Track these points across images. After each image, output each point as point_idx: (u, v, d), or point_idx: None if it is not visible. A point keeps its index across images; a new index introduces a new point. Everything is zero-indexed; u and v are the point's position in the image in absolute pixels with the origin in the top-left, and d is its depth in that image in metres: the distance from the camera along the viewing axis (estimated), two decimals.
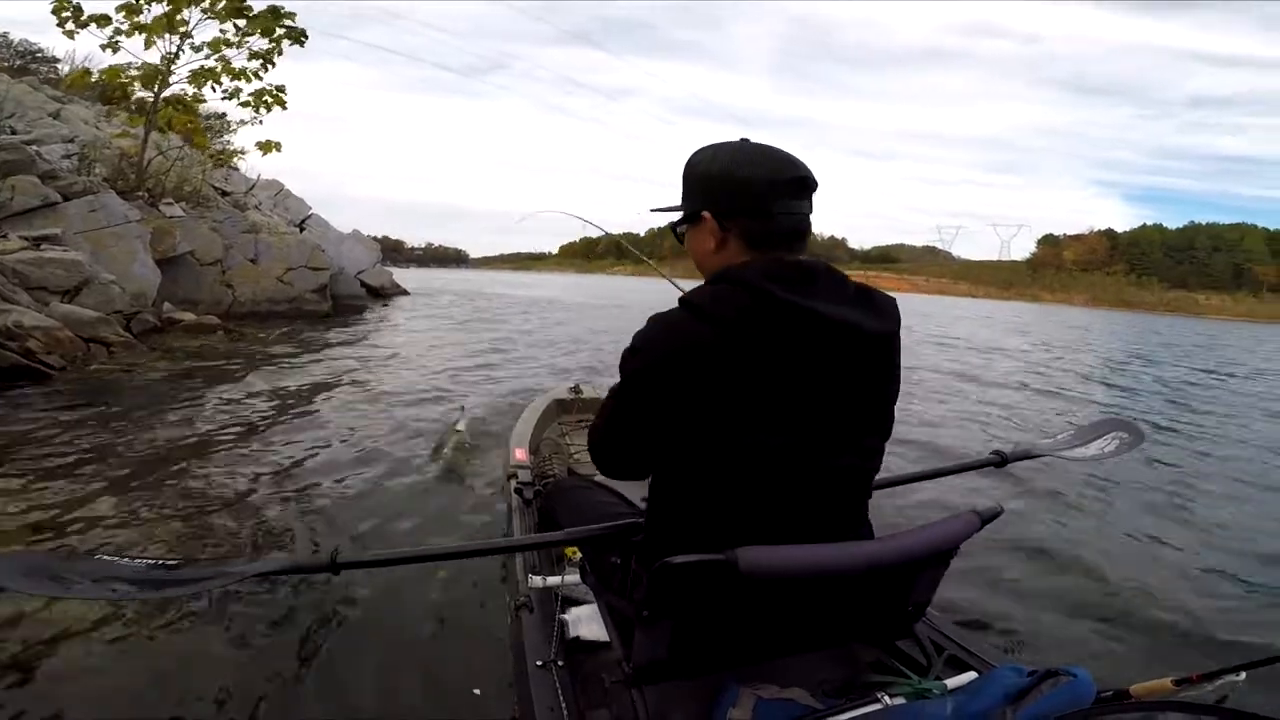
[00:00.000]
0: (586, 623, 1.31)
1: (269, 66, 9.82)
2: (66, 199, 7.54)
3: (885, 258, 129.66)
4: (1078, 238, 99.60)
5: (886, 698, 0.86)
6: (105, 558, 1.06)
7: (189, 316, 7.63)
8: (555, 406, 3.11)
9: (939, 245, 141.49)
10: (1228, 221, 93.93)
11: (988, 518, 0.90)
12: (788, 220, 0.91)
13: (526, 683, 1.18)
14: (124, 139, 9.95)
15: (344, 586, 2.08)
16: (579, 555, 1.28)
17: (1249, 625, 2.25)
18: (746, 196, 0.90)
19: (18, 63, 16.78)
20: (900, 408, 1.00)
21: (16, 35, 18.18)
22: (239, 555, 2.41)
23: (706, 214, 0.93)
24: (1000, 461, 1.62)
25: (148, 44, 9.17)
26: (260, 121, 10.45)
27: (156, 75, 9.29)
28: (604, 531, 1.15)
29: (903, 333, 0.97)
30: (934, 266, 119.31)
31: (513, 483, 2.03)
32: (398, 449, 3.74)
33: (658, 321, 0.87)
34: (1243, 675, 0.79)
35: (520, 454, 2.38)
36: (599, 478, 1.99)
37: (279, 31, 9.64)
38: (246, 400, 4.74)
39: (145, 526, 2.55)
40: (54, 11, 8.75)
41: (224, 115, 12.29)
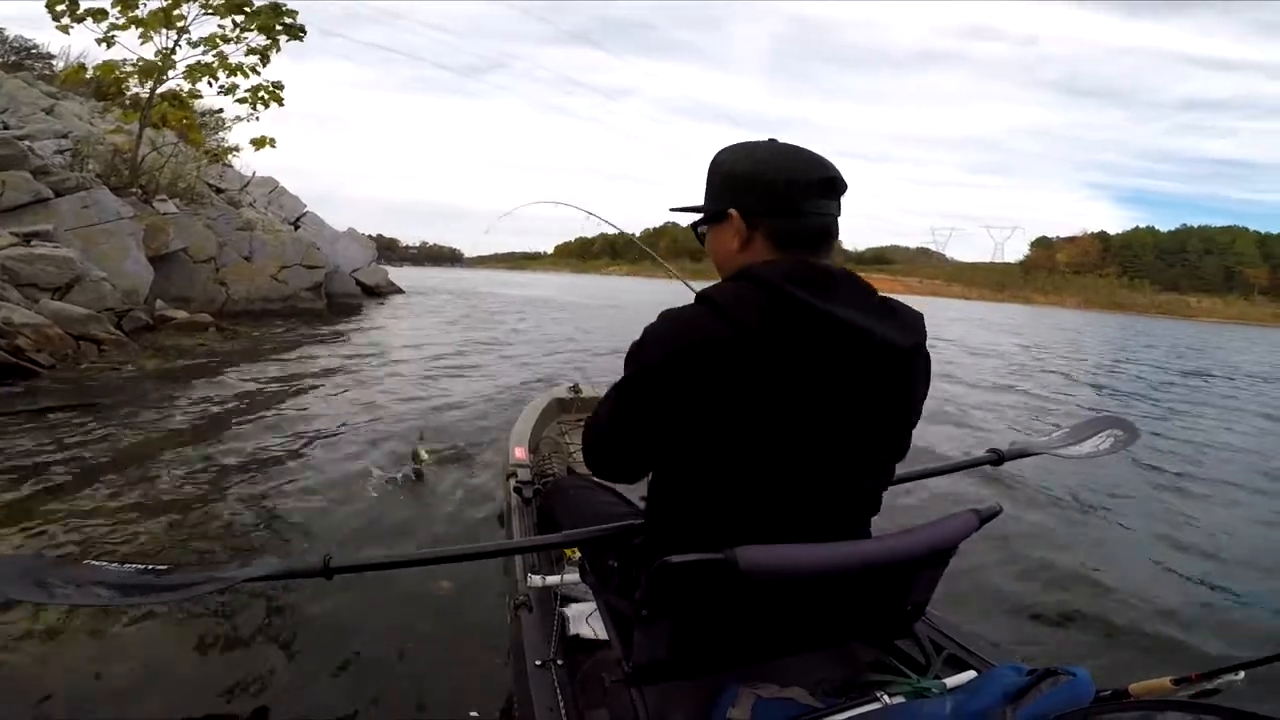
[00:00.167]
0: (585, 624, 1.30)
1: (266, 62, 9.78)
2: (58, 195, 7.47)
3: (879, 259, 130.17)
4: (1071, 240, 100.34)
5: (886, 697, 0.86)
6: (93, 563, 1.04)
7: (182, 314, 7.58)
8: (555, 405, 3.09)
9: (932, 247, 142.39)
10: (1219, 224, 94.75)
11: (986, 517, 0.89)
12: (817, 220, 0.89)
13: (525, 682, 1.17)
14: (118, 135, 9.87)
15: (340, 585, 2.05)
16: (578, 554, 1.28)
17: (1247, 624, 2.25)
18: (776, 195, 0.88)
19: (12, 58, 16.63)
20: None
21: (11, 31, 18.07)
22: (230, 558, 2.37)
23: (733, 212, 0.90)
24: (997, 460, 1.62)
25: (144, 39, 9.11)
26: (257, 118, 10.38)
27: (152, 70, 9.22)
28: (603, 534, 1.13)
29: None
30: (927, 268, 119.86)
31: (512, 482, 2.02)
32: (394, 450, 3.71)
33: (671, 316, 0.84)
34: (1241, 674, 0.78)
35: (519, 453, 2.37)
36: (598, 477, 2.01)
37: (277, 28, 9.59)
38: (239, 400, 4.70)
39: (134, 528, 2.52)
40: (49, 5, 8.67)
41: (220, 111, 12.17)
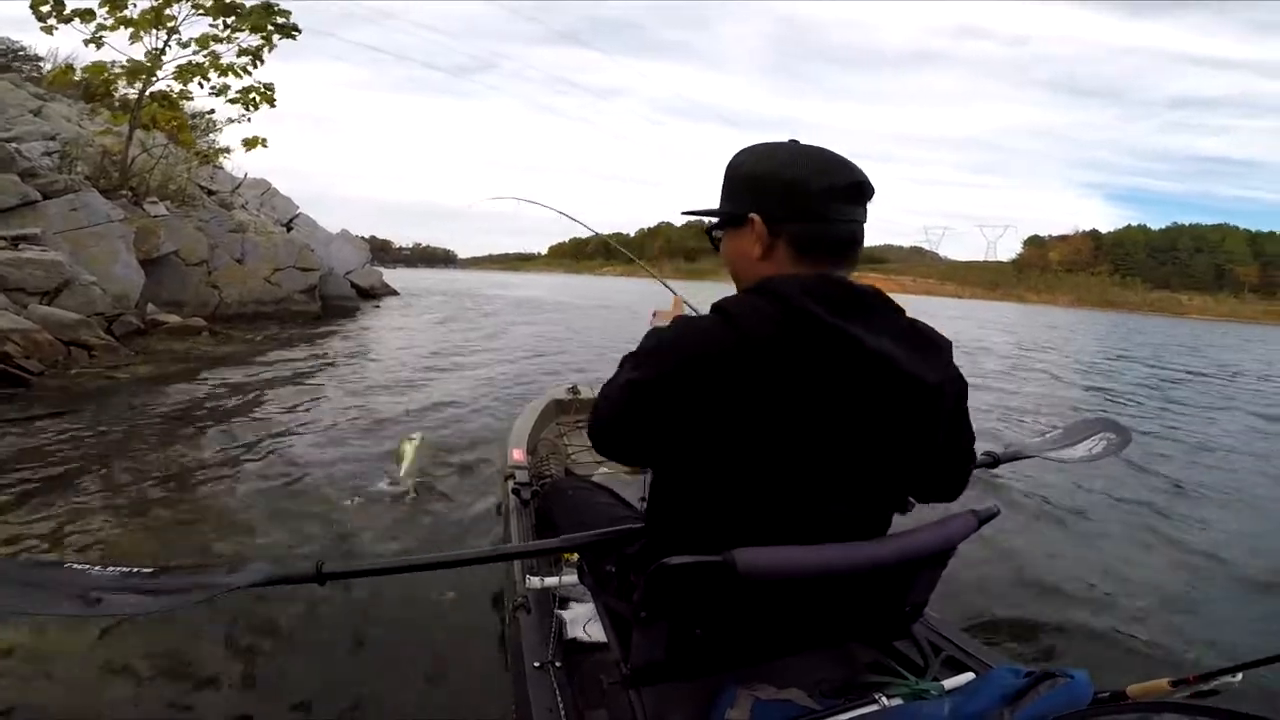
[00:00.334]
0: (584, 626, 1.29)
1: (258, 63, 9.69)
2: (46, 197, 7.38)
3: (873, 258, 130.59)
4: (1063, 238, 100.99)
5: (884, 698, 0.85)
6: (75, 566, 0.96)
7: (173, 318, 7.49)
8: (553, 407, 3.09)
9: (926, 246, 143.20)
10: (1209, 222, 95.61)
11: (985, 518, 0.89)
12: (844, 228, 0.85)
13: (524, 684, 1.17)
14: (107, 136, 9.75)
15: (336, 585, 2.09)
16: (576, 556, 1.28)
17: (1244, 625, 2.24)
18: (802, 199, 0.83)
19: None
20: None
21: None
22: (221, 565, 2.33)
23: (755, 217, 0.85)
24: (992, 463, 1.61)
25: (133, 39, 9.00)
26: (248, 119, 10.32)
27: (142, 71, 9.10)
28: (601, 538, 1.11)
29: None
30: (921, 267, 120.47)
31: (510, 483, 2.02)
32: (392, 455, 3.60)
33: (686, 324, 0.82)
34: (1239, 676, 0.77)
35: (517, 454, 2.37)
36: (596, 478, 1.95)
37: (270, 28, 9.49)
38: (233, 406, 4.65)
39: (123, 537, 2.49)
40: (33, 6, 8.54)
41: (211, 112, 12.06)
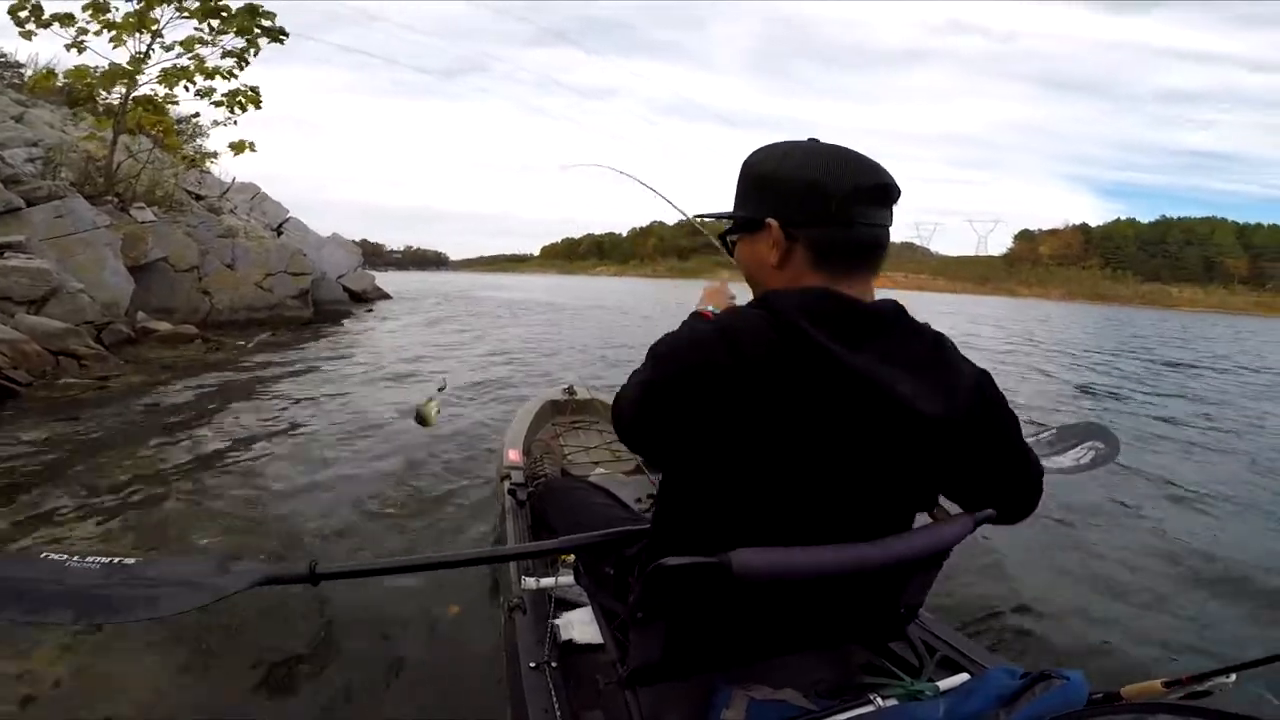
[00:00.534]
0: (580, 627, 1.28)
1: (244, 65, 9.54)
2: (30, 204, 7.24)
3: None
4: (1053, 232, 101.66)
5: (879, 699, 0.85)
6: (53, 557, 0.89)
7: (164, 326, 7.36)
8: (549, 408, 3.08)
9: (917, 241, 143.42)
10: (1198, 215, 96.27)
11: (981, 520, 0.87)
12: (867, 233, 0.80)
13: (520, 684, 1.17)
14: (91, 141, 9.57)
15: (331, 586, 2.06)
16: (573, 556, 1.28)
17: (1238, 626, 2.23)
18: (822, 203, 0.78)
19: None
20: None
21: None
22: (209, 559, 2.29)
23: (772, 222, 0.80)
24: None
25: (116, 42, 8.83)
26: (235, 122, 10.21)
27: (125, 75, 8.94)
28: (600, 540, 1.11)
29: None
30: (912, 263, 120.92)
31: (506, 484, 2.02)
32: (389, 461, 3.65)
33: (690, 330, 0.79)
34: (1233, 677, 0.77)
35: (514, 455, 2.36)
36: (593, 478, 1.94)
37: (256, 31, 9.35)
38: (228, 415, 4.57)
39: (115, 549, 2.39)
40: (11, 11, 8.37)
41: (197, 115, 11.85)
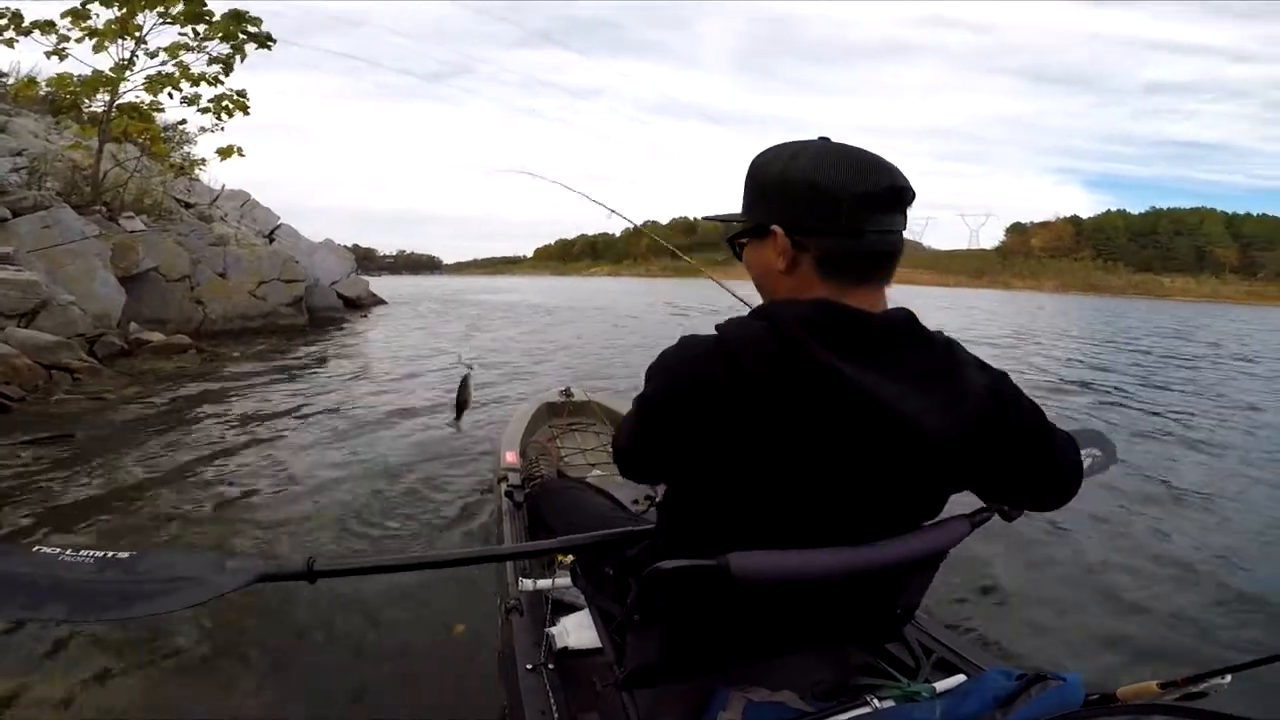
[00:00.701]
0: (576, 632, 1.28)
1: (230, 71, 9.40)
2: (16, 215, 7.11)
3: None
4: (1045, 225, 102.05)
5: (876, 701, 0.86)
6: (45, 550, 0.90)
7: (158, 337, 7.21)
8: (545, 410, 3.08)
9: (910, 237, 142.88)
10: (1188, 206, 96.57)
11: (978, 522, 0.88)
12: (880, 240, 0.75)
13: (516, 686, 1.17)
14: (76, 150, 9.40)
15: (328, 585, 2.07)
16: (570, 558, 1.27)
17: (1234, 627, 2.22)
18: (830, 209, 0.73)
19: None
20: None
21: None
22: (205, 554, 2.24)
23: (777, 229, 0.76)
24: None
25: (98, 49, 8.67)
26: (221, 128, 10.10)
27: (109, 82, 8.78)
28: (599, 540, 1.10)
29: None
30: (906, 258, 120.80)
31: (503, 486, 2.01)
32: (386, 467, 3.61)
33: (684, 346, 0.76)
34: (1228, 678, 0.76)
35: (510, 457, 2.35)
36: (590, 480, 1.91)
37: (241, 36, 9.21)
38: (224, 427, 4.47)
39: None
40: None
41: (184, 122, 11.65)
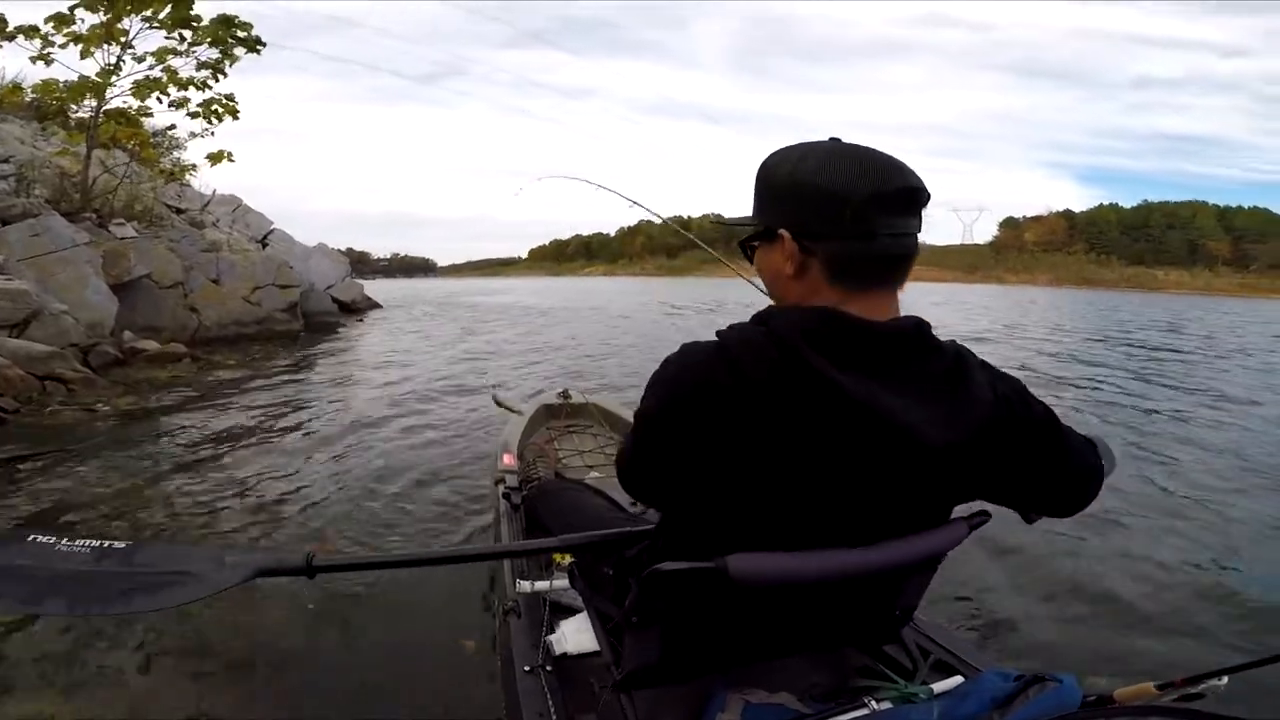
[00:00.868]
0: (574, 636, 1.27)
1: (220, 76, 9.29)
2: (4, 223, 7.00)
3: None
4: (1037, 219, 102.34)
5: (873, 702, 0.86)
6: (41, 539, 0.90)
7: (152, 345, 7.11)
8: (543, 412, 3.07)
9: None
10: (1179, 199, 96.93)
11: (976, 525, 0.87)
12: (890, 243, 0.73)
13: (514, 688, 1.17)
14: (64, 156, 9.26)
15: (326, 585, 2.08)
16: (568, 559, 1.27)
17: (1231, 628, 2.22)
18: (838, 212, 0.71)
19: None
20: None
21: None
22: (203, 546, 2.27)
23: (784, 233, 0.74)
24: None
25: (84, 54, 8.55)
26: (211, 133, 9.99)
27: (95, 88, 8.66)
28: (599, 540, 1.09)
29: None
30: None
31: (500, 488, 2.02)
32: (384, 471, 3.60)
33: (684, 354, 0.75)
34: (1225, 680, 0.76)
35: (508, 459, 2.36)
36: (588, 481, 1.92)
37: (230, 41, 9.11)
38: (219, 434, 4.41)
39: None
40: None
41: (172, 127, 11.52)
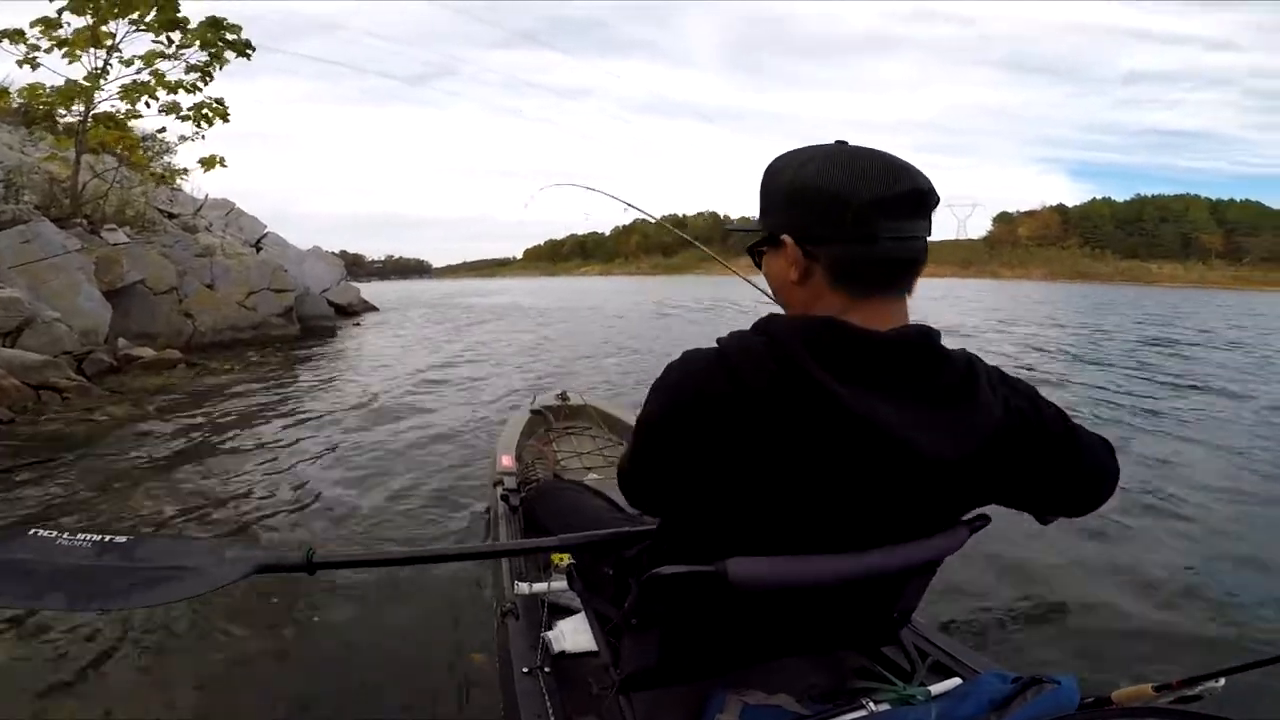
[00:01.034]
0: (572, 636, 1.27)
1: (208, 79, 9.22)
2: None
3: None
4: (1031, 214, 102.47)
5: (871, 704, 0.86)
6: (42, 533, 0.91)
7: (147, 352, 7.04)
8: (541, 413, 3.08)
9: None
10: (1172, 193, 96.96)
11: (976, 528, 0.86)
12: (897, 248, 0.71)
13: (513, 689, 1.17)
14: (53, 162, 9.18)
15: (325, 585, 2.07)
16: (566, 561, 1.27)
17: (1228, 630, 2.22)
18: (840, 216, 0.70)
19: None
20: None
21: None
22: (204, 541, 2.25)
23: (787, 239, 0.73)
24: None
25: (69, 58, 8.46)
26: (202, 137, 9.93)
27: (82, 92, 8.58)
28: (598, 539, 1.09)
29: None
30: None
31: (498, 489, 2.02)
32: (383, 473, 3.59)
33: (685, 361, 0.74)
34: (1221, 681, 0.75)
35: (506, 460, 2.36)
36: (586, 481, 1.94)
37: (220, 44, 9.03)
38: (217, 440, 4.37)
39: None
40: None
41: (163, 130, 11.42)
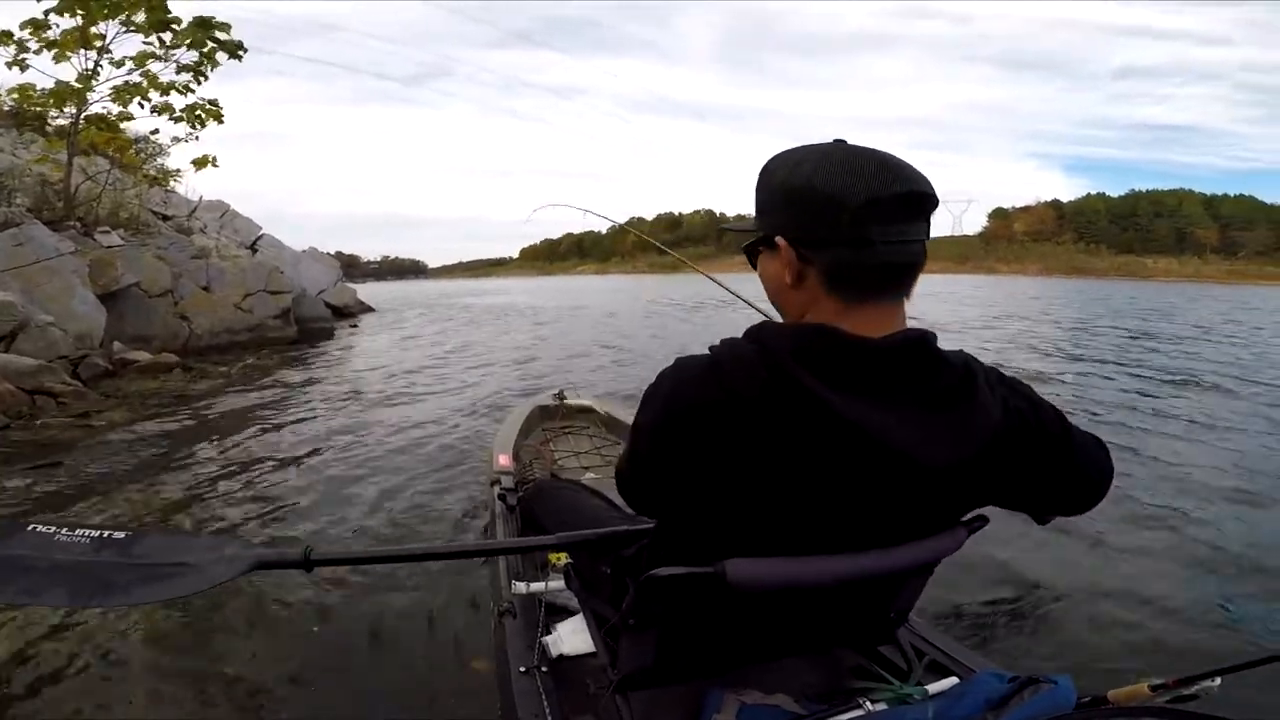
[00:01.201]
0: (569, 635, 1.27)
1: (201, 80, 9.15)
2: None
3: None
4: (1026, 209, 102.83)
5: (869, 703, 0.85)
6: (40, 529, 0.91)
7: (143, 356, 6.98)
8: (539, 413, 3.10)
9: None
10: (1166, 188, 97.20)
11: (974, 528, 0.86)
12: (894, 252, 0.70)
13: (510, 689, 1.17)
14: (44, 164, 9.10)
15: (322, 583, 2.07)
16: (563, 560, 1.26)
17: (1224, 630, 2.22)
18: (837, 218, 0.68)
19: None
20: None
21: None
22: (202, 537, 2.26)
23: (781, 241, 0.72)
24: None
25: (59, 59, 8.38)
26: (196, 138, 9.90)
27: (72, 93, 8.50)
28: (596, 538, 1.09)
29: None
30: None
31: (496, 489, 2.02)
32: (381, 474, 3.58)
33: (678, 369, 0.74)
34: (1218, 680, 0.76)
35: (504, 460, 2.36)
36: (584, 480, 1.94)
37: (210, 45, 8.94)
38: (215, 445, 4.34)
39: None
40: None
41: (155, 132, 11.32)
